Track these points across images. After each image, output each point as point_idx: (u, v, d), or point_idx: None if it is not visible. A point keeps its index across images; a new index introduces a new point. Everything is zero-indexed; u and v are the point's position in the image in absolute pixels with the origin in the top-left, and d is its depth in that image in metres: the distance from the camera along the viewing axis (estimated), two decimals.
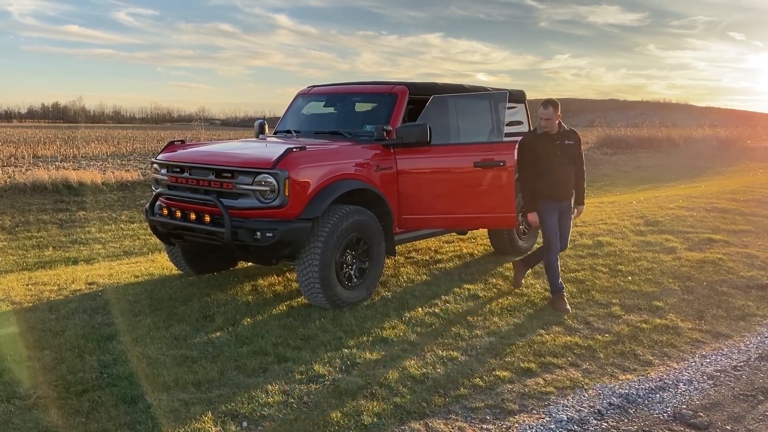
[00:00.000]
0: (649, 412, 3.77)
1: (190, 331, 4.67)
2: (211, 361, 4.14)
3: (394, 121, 5.82)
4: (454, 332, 4.79)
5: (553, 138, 5.34)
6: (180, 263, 6.21)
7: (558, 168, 5.35)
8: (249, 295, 5.60)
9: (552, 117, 5.27)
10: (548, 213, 5.44)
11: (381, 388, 3.82)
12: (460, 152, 5.77)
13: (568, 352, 4.54)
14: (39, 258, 10.74)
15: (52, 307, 5.28)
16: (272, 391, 3.73)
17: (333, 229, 5.01)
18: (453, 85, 6.63)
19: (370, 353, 4.32)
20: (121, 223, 13.83)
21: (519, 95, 7.53)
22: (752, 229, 8.62)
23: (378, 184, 5.49)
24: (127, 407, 3.52)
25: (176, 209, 5.36)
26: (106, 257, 10.48)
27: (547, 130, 5.32)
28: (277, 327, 4.75)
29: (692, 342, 4.89)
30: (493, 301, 5.50)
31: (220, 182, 5.03)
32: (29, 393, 3.66)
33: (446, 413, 3.62)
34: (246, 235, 4.84)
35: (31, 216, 13.61)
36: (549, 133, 5.33)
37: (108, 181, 16.60)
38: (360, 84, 6.69)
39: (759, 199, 11.19)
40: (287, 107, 6.99)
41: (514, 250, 7.00)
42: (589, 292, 5.84)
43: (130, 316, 5.03)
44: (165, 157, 5.60)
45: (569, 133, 5.42)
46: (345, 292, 5.19)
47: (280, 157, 4.82)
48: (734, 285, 6.27)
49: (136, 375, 3.89)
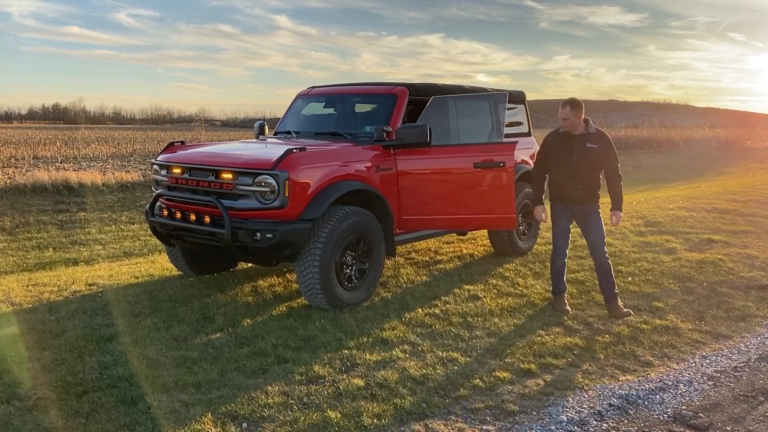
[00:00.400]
0: (649, 413, 3.77)
1: (190, 332, 4.67)
2: (211, 362, 4.14)
3: (394, 121, 5.82)
4: (454, 333, 4.79)
5: (572, 139, 5.17)
6: (180, 264, 6.20)
7: (566, 170, 5.20)
8: (249, 296, 5.60)
9: (570, 117, 5.08)
10: (558, 215, 5.37)
11: (381, 389, 3.82)
12: (460, 153, 5.77)
13: (568, 353, 4.54)
14: (39, 259, 10.74)
15: (51, 308, 5.28)
16: (272, 392, 3.73)
17: (333, 230, 5.01)
18: (453, 86, 6.63)
19: (370, 354, 4.31)
20: (121, 224, 13.83)
21: (519, 96, 7.54)
22: (752, 230, 8.62)
23: (378, 185, 5.49)
24: (127, 408, 3.51)
25: (176, 210, 5.36)
26: (106, 258, 10.48)
27: (567, 130, 5.16)
28: (277, 328, 4.75)
29: (692, 343, 4.89)
30: (493, 302, 5.50)
31: (220, 183, 5.03)
32: (29, 394, 3.66)
33: (446, 414, 3.62)
34: (246, 236, 4.84)
35: (31, 217, 13.61)
36: (569, 134, 5.18)
37: (108, 182, 16.61)
38: (360, 85, 6.69)
39: (759, 199, 11.19)
40: (287, 108, 7.00)
41: (515, 250, 7.00)
42: (589, 293, 5.83)
43: (130, 317, 5.03)
44: (165, 158, 5.60)
45: (594, 135, 5.17)
46: (345, 293, 5.19)
47: (280, 158, 4.82)
48: (734, 286, 6.27)
49: (136, 376, 3.89)
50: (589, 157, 5.15)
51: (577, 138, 5.16)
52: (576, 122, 5.11)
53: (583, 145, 5.14)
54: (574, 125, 5.12)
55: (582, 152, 5.15)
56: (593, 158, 5.15)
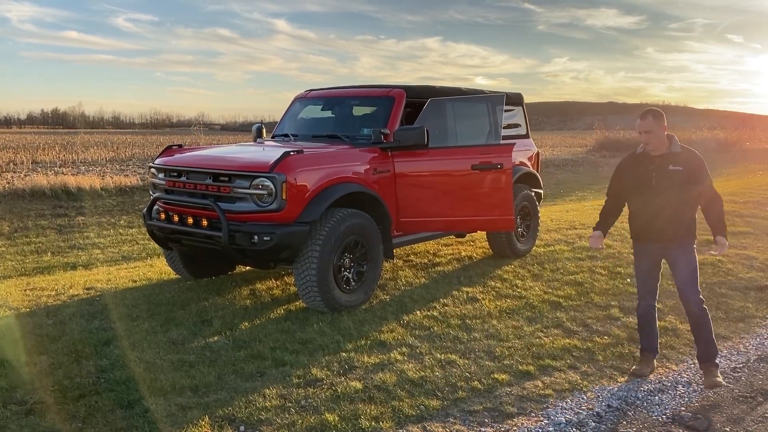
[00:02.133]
0: (647, 415, 3.76)
1: (187, 336, 4.66)
2: (209, 365, 4.13)
3: (392, 124, 5.82)
4: (453, 335, 4.78)
5: (651, 161, 4.12)
6: (178, 267, 6.19)
7: (643, 200, 4.19)
8: (247, 299, 5.59)
9: (652, 128, 4.03)
10: (639, 255, 4.35)
11: (379, 392, 3.81)
12: (457, 155, 5.77)
13: (567, 355, 4.53)
14: (37, 263, 10.71)
15: (49, 312, 5.27)
16: (270, 395, 3.71)
17: (331, 233, 5.00)
18: (450, 88, 6.63)
19: (368, 357, 4.30)
20: (119, 228, 13.80)
21: (516, 98, 7.54)
22: (751, 231, 8.61)
23: (376, 187, 5.48)
24: (124, 412, 3.50)
25: (174, 213, 5.35)
26: (104, 262, 10.46)
27: (650, 148, 4.10)
28: (275, 331, 4.74)
29: (691, 344, 4.87)
30: (491, 304, 5.49)
31: (218, 186, 5.02)
32: (26, 398, 3.64)
33: (444, 416, 3.61)
34: (243, 239, 4.83)
35: (29, 221, 13.59)
36: (648, 155, 4.14)
37: (107, 187, 16.58)
38: (357, 87, 6.69)
39: (758, 200, 11.19)
40: (285, 111, 7.00)
41: (513, 252, 6.99)
42: (588, 295, 5.83)
43: (127, 320, 5.02)
44: (162, 161, 5.60)
45: (679, 155, 4.08)
46: (343, 296, 5.18)
47: (278, 161, 4.82)
48: (733, 287, 6.27)
49: (134, 379, 3.87)
50: (672, 183, 4.06)
51: (657, 159, 4.10)
52: (660, 136, 4.06)
53: (664, 168, 4.08)
54: (658, 140, 4.06)
55: (663, 177, 4.08)
56: (678, 184, 4.05)
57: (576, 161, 29.46)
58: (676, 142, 4.13)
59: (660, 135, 4.06)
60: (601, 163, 28.82)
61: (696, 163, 4.07)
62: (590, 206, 12.19)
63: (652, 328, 4.38)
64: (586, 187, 21.40)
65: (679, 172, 4.05)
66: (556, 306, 5.51)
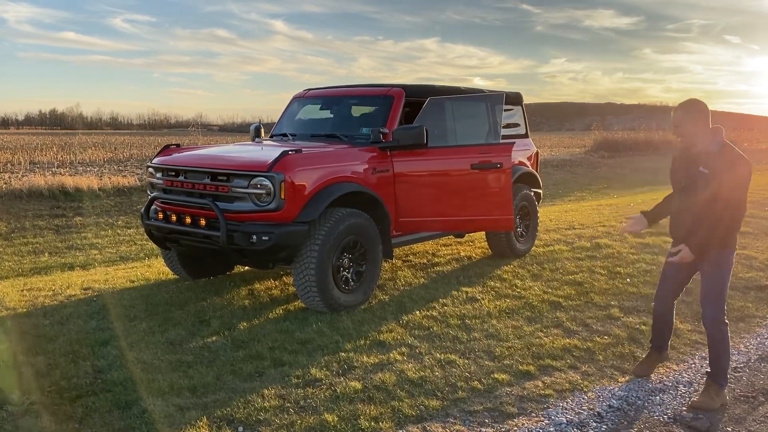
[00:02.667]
0: (648, 415, 3.74)
1: (185, 336, 4.63)
2: (207, 365, 4.10)
3: (391, 123, 5.80)
4: (452, 335, 4.75)
5: (688, 158, 3.78)
6: (176, 267, 6.17)
7: (681, 202, 3.86)
8: (245, 299, 5.57)
9: (681, 122, 3.66)
10: (669, 254, 4.00)
11: (378, 392, 3.79)
12: (457, 154, 5.75)
13: (567, 355, 4.51)
14: (35, 264, 10.68)
15: (46, 313, 5.24)
16: (269, 395, 3.69)
17: (330, 233, 4.98)
18: (450, 88, 6.61)
19: (368, 357, 4.28)
20: (117, 228, 13.77)
21: (516, 97, 7.52)
22: (750, 231, 8.60)
23: (375, 187, 5.46)
24: (122, 413, 3.48)
25: (172, 213, 5.33)
26: (102, 263, 10.43)
27: (685, 145, 3.79)
28: (273, 331, 4.71)
29: (691, 344, 4.86)
30: (491, 304, 5.47)
31: (216, 186, 4.99)
32: (22, 399, 3.61)
33: (444, 417, 3.59)
34: (242, 239, 4.80)
35: (27, 222, 13.54)
36: (687, 151, 3.80)
37: (104, 187, 16.55)
38: (356, 87, 6.67)
39: (757, 200, 11.17)
40: (283, 110, 6.97)
41: (512, 252, 6.97)
42: (588, 295, 5.81)
43: (125, 320, 4.99)
44: (160, 160, 5.57)
45: (712, 156, 3.64)
46: (342, 296, 5.16)
47: (276, 160, 4.80)
48: (733, 286, 6.24)
49: (131, 380, 3.85)
50: (698, 186, 3.68)
51: (693, 157, 3.73)
52: (691, 132, 3.66)
53: (695, 168, 3.70)
54: (690, 136, 3.67)
55: (693, 177, 3.72)
56: (703, 188, 3.65)
57: (574, 162, 29.47)
58: (718, 139, 3.65)
59: (691, 130, 3.64)
60: (599, 163, 28.84)
61: (725, 165, 3.57)
62: (589, 206, 12.19)
63: (662, 328, 4.25)
64: (584, 187, 21.42)
65: (704, 176, 3.63)
66: (555, 306, 5.49)
